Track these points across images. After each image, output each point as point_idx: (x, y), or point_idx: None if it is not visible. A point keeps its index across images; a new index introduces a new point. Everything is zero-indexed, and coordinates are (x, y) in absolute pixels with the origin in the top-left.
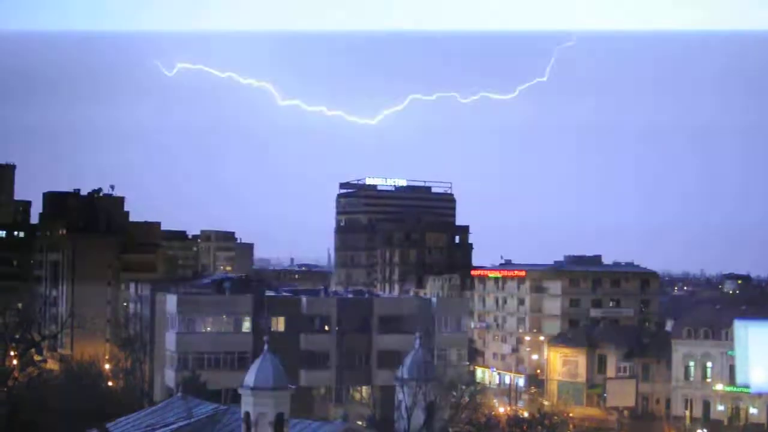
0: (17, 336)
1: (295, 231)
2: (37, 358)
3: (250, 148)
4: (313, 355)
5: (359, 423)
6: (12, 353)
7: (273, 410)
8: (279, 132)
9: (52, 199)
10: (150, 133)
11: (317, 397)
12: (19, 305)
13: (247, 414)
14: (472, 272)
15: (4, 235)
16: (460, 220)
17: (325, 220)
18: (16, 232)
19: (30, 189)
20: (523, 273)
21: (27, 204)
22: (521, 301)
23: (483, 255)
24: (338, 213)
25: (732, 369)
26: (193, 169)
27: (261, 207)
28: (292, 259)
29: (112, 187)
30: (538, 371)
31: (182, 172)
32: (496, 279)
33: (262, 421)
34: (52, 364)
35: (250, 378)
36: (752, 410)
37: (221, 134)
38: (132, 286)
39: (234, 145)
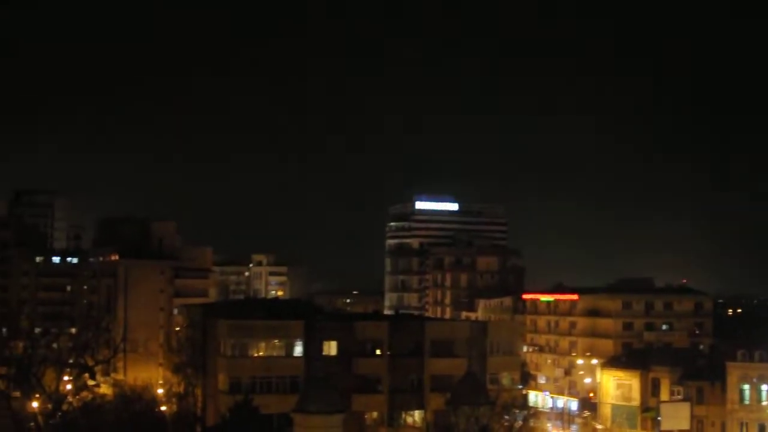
0: (71, 361)
1: (347, 255)
2: (90, 382)
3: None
4: (365, 379)
5: None
6: (66, 378)
7: None
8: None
9: (104, 224)
10: (197, 158)
11: (370, 422)
12: (73, 330)
13: None
14: (524, 295)
15: (57, 261)
16: (511, 243)
17: (377, 244)
18: (69, 258)
19: (83, 215)
20: (575, 296)
21: (80, 230)
22: (573, 324)
23: (535, 278)
24: (389, 237)
25: None
26: (243, 193)
27: (312, 230)
28: (343, 283)
29: (163, 213)
30: (591, 394)
31: (233, 195)
32: (549, 302)
33: None
34: (105, 389)
35: (302, 402)
36: None
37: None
38: (184, 310)
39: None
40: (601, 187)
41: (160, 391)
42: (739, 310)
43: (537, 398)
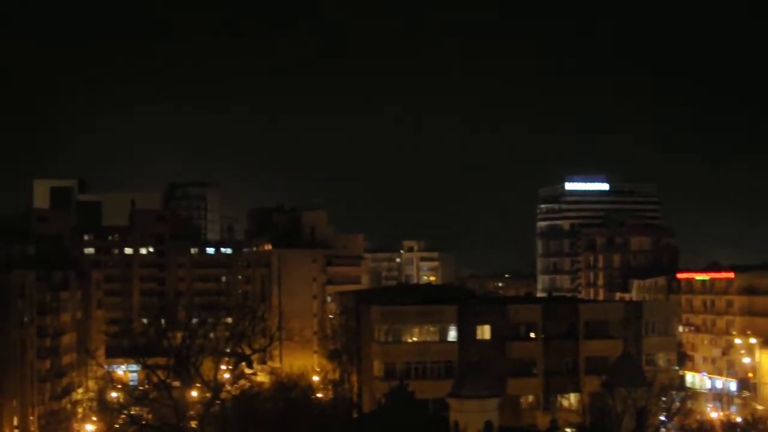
0: (228, 350)
1: (497, 238)
2: (248, 371)
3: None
4: (519, 362)
5: (569, 430)
6: (224, 367)
7: (481, 418)
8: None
9: (256, 215)
10: (346, 144)
11: (525, 405)
12: (229, 320)
13: (456, 422)
14: (679, 275)
15: (212, 252)
16: (664, 221)
17: (527, 226)
18: (223, 249)
19: (235, 206)
20: (731, 274)
21: (233, 221)
22: (730, 303)
23: (689, 255)
24: (540, 219)
25: None
26: (393, 179)
27: (461, 215)
28: (494, 267)
29: (317, 201)
30: (750, 374)
31: (382, 182)
32: (704, 281)
33: (470, 429)
34: (262, 377)
35: (457, 387)
36: None
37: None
38: (337, 298)
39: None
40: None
41: (316, 378)
42: None
43: (694, 379)
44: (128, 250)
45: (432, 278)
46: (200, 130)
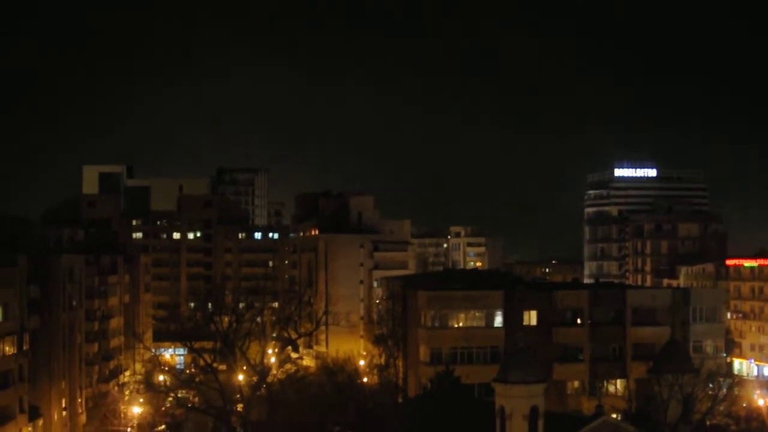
0: (275, 334)
1: (545, 224)
2: (294, 355)
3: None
4: (566, 348)
5: (614, 416)
6: (270, 351)
7: (527, 404)
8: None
9: (303, 200)
10: (386, 134)
11: (571, 391)
12: (276, 305)
13: (501, 407)
14: (727, 261)
15: (259, 237)
16: (713, 208)
17: (575, 212)
18: (270, 234)
19: (282, 191)
20: None
21: (280, 206)
22: None
23: (738, 242)
24: (587, 205)
25: None
26: (438, 165)
27: (509, 200)
28: (542, 253)
29: (359, 187)
30: None
31: (426, 168)
32: (752, 268)
33: (516, 414)
34: (308, 361)
35: (503, 372)
36: None
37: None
38: (384, 283)
39: (478, 139)
40: None
41: (362, 362)
42: None
43: (741, 366)
44: (176, 235)
45: (479, 264)
46: (250, 113)
